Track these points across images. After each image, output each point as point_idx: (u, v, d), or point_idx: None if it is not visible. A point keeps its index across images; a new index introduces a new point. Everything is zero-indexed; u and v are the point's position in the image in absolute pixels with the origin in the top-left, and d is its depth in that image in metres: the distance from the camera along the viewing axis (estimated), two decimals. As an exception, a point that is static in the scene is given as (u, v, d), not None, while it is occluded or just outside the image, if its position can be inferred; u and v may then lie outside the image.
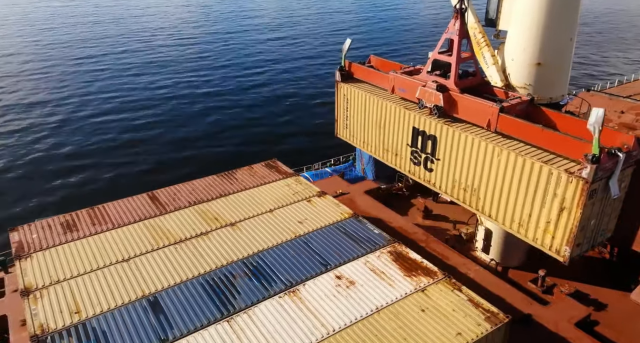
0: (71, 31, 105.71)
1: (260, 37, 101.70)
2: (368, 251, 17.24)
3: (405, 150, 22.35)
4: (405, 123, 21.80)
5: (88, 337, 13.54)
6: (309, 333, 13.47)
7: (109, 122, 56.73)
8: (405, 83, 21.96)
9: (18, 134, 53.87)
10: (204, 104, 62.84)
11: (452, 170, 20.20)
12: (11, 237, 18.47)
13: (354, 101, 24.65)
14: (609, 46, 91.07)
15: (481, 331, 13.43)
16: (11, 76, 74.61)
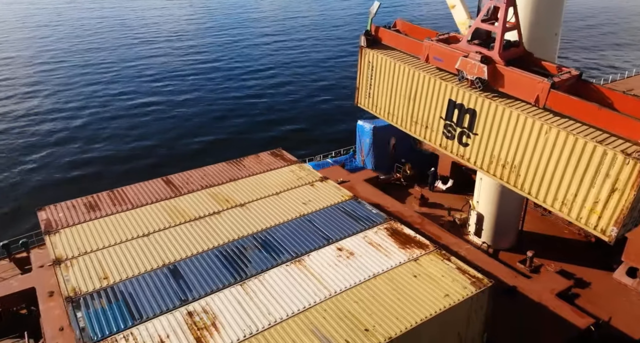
0: (93, 21, 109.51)
1: (264, 31, 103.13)
2: (366, 227, 19.04)
3: (438, 124, 21.18)
4: (441, 95, 20.60)
5: (116, 298, 15.34)
6: (313, 294, 15.27)
7: (123, 116, 59.25)
8: (443, 52, 20.40)
9: (35, 123, 56.61)
10: (210, 100, 65.15)
11: (490, 145, 19.31)
12: (39, 216, 20.30)
13: (380, 69, 23.16)
14: (604, 44, 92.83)
15: (467, 293, 15.22)
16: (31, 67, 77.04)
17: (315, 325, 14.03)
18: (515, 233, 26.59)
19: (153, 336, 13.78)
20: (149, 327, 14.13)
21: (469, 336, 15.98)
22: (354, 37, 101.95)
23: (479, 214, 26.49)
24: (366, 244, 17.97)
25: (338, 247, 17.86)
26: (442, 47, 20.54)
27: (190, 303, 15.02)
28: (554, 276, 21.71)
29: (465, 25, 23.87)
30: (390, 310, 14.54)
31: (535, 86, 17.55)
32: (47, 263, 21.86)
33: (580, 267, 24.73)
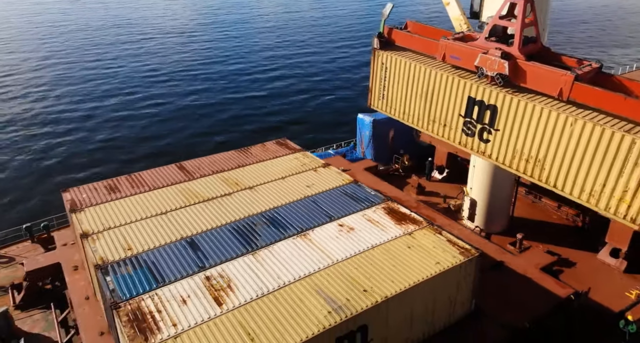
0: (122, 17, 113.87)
1: (267, 32, 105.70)
2: (365, 207, 20.87)
3: (457, 121, 21.45)
4: (460, 92, 20.89)
5: (140, 265, 17.17)
6: (317, 262, 17.11)
7: (141, 115, 61.99)
8: (461, 50, 20.75)
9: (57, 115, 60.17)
10: (220, 95, 68.02)
11: (513, 141, 19.61)
12: (64, 196, 22.15)
13: (394, 70, 23.49)
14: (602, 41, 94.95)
15: (456, 261, 17.05)
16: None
17: (319, 286, 15.86)
18: (507, 217, 28.42)
19: (175, 296, 15.60)
20: (171, 288, 15.97)
21: (458, 301, 17.83)
22: (356, 36, 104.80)
23: (472, 200, 28.31)
24: (365, 221, 19.80)
25: (339, 223, 19.69)
26: (459, 45, 20.89)
27: (207, 270, 16.86)
28: (539, 252, 23.56)
29: (459, 20, 25.68)
30: (386, 275, 16.38)
31: (558, 79, 17.84)
32: (69, 242, 23.90)
33: (566, 249, 26.55)
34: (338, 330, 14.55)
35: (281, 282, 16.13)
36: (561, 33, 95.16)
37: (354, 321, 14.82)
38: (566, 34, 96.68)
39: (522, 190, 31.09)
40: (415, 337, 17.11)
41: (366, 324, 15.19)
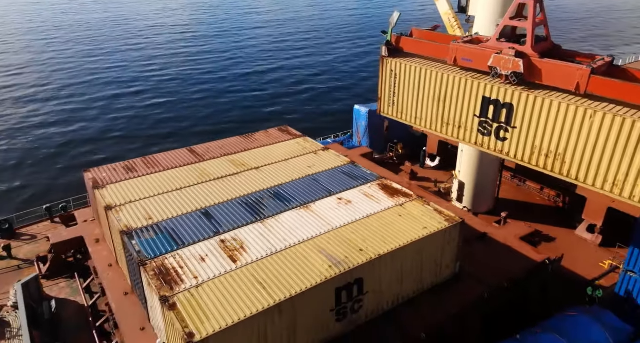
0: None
1: (268, 32, 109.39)
2: (362, 184, 23.25)
3: (472, 122, 21.91)
4: (474, 93, 21.39)
5: (161, 231, 19.47)
6: (319, 228, 19.47)
7: (160, 104, 66.92)
8: (473, 52, 21.34)
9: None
10: (224, 89, 72.50)
11: (531, 137, 20.01)
12: (85, 176, 24.42)
13: (404, 76, 23.99)
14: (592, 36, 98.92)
15: (441, 226, 19.46)
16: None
17: (321, 247, 18.22)
18: (492, 198, 30.89)
19: (195, 255, 17.93)
20: (190, 249, 18.28)
21: (444, 263, 20.25)
22: (352, 31, 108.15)
23: (460, 182, 30.76)
24: (361, 195, 22.19)
25: (338, 197, 22.06)
26: (471, 47, 21.54)
27: (221, 234, 19.18)
28: (519, 224, 26.01)
29: (448, 15, 28.13)
30: (379, 238, 18.76)
31: (574, 74, 18.40)
32: (89, 218, 26.17)
33: (547, 226, 29.05)
34: (337, 281, 16.92)
35: (287, 243, 18.49)
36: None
37: (351, 274, 17.19)
38: (557, 31, 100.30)
39: (508, 175, 33.57)
40: (405, 293, 19.51)
41: (362, 278, 17.57)
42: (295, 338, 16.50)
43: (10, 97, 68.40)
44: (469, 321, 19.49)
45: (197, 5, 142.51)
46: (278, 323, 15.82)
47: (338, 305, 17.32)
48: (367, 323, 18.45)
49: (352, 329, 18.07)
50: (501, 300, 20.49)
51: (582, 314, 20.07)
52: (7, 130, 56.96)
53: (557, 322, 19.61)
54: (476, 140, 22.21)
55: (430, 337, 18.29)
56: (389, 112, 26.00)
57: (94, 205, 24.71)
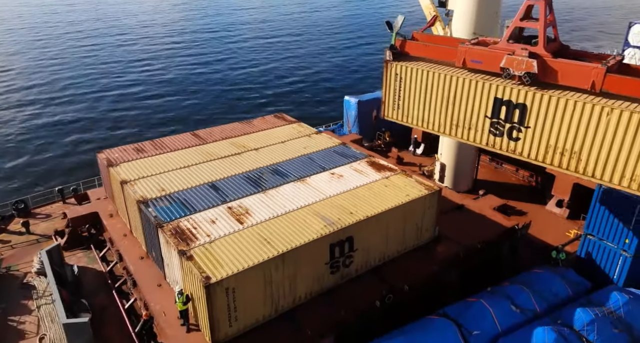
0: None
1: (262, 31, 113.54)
2: (352, 161, 26.08)
3: (483, 123, 22.20)
4: (485, 95, 21.68)
5: (174, 201, 22.07)
6: (314, 197, 22.22)
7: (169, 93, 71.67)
8: (483, 54, 21.65)
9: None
10: (221, 84, 76.50)
11: (545, 136, 20.39)
12: (99, 157, 26.91)
13: (410, 80, 24.16)
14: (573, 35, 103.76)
15: (421, 194, 22.36)
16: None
17: (316, 211, 20.98)
18: (471, 178, 33.93)
19: (206, 219, 20.58)
20: (202, 214, 20.92)
21: (424, 227, 23.15)
22: (343, 26, 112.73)
23: (442, 164, 33.73)
24: (352, 170, 25.01)
25: (331, 172, 24.86)
26: (480, 49, 21.88)
27: (228, 203, 21.85)
28: (493, 197, 29.02)
29: (429, 8, 31.03)
30: (367, 203, 21.58)
31: (590, 73, 18.86)
32: (102, 197, 28.63)
33: (521, 202, 32.13)
34: (331, 238, 19.71)
35: (287, 209, 21.23)
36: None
37: (342, 232, 19.99)
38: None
39: (486, 158, 36.64)
40: (390, 252, 22.37)
41: (352, 236, 20.37)
42: (295, 286, 19.25)
43: (21, 87, 73.42)
44: (448, 277, 22.37)
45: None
46: (281, 272, 18.54)
47: (332, 259, 20.12)
48: (357, 277, 21.28)
49: (344, 281, 20.89)
50: (475, 260, 23.43)
51: (546, 271, 23.12)
52: (17, 121, 60.80)
53: (524, 276, 22.62)
54: (487, 141, 22.47)
55: (412, 289, 21.15)
56: (393, 115, 25.85)
57: (106, 183, 27.19)
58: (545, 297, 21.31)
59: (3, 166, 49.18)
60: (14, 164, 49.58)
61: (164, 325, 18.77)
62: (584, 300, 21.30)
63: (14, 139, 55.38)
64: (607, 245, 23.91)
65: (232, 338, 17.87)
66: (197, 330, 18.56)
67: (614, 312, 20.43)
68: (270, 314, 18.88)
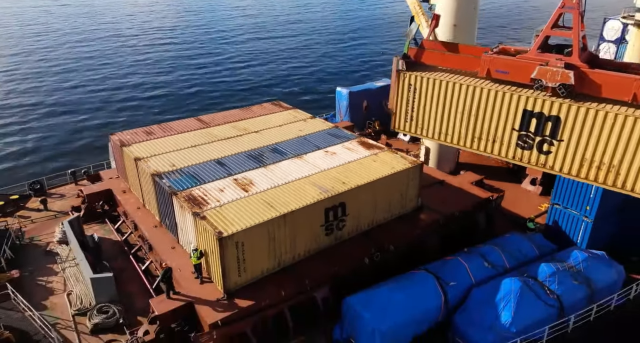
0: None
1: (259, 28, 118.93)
2: (344, 141, 29.05)
3: (510, 136, 21.62)
4: (512, 107, 21.06)
5: (185, 174, 24.86)
6: (310, 170, 25.13)
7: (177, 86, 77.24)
8: (510, 64, 20.94)
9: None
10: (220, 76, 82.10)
11: (581, 150, 20.00)
12: (112, 138, 29.64)
13: (426, 90, 23.41)
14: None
15: (405, 166, 25.37)
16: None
17: (313, 181, 23.88)
18: (454, 161, 37.05)
19: (214, 188, 23.39)
20: (211, 185, 23.72)
21: (408, 197, 26.17)
22: (336, 23, 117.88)
23: (426, 148, 36.80)
24: (344, 149, 27.96)
25: (325, 150, 27.79)
26: (507, 59, 21.19)
27: (233, 175, 24.67)
28: (471, 174, 32.12)
29: (414, 4, 34.06)
30: (357, 175, 24.55)
31: (631, 84, 18.52)
32: (114, 176, 31.31)
33: (499, 182, 35.25)
34: (326, 203, 22.65)
35: (287, 180, 24.12)
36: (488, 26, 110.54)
37: (335, 199, 22.92)
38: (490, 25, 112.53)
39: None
40: (378, 218, 25.37)
41: (344, 202, 23.32)
42: (295, 244, 22.16)
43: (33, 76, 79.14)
44: (429, 240, 25.39)
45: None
46: (283, 231, 21.42)
47: (327, 222, 23.05)
48: (349, 239, 24.22)
49: (337, 242, 23.81)
50: (454, 226, 26.48)
51: (517, 235, 26.24)
52: (27, 110, 65.46)
53: (496, 240, 25.70)
54: (514, 155, 21.93)
55: (397, 249, 24.13)
56: (406, 127, 25.22)
57: (119, 163, 29.88)
58: (514, 256, 24.40)
59: (16, 150, 53.57)
60: (24, 149, 54.10)
61: (179, 279, 21.55)
62: (549, 258, 24.38)
63: (26, 127, 59.84)
64: (571, 213, 27.08)
65: (240, 287, 20.73)
66: (209, 282, 21.38)
67: (574, 266, 23.55)
68: (274, 267, 21.78)
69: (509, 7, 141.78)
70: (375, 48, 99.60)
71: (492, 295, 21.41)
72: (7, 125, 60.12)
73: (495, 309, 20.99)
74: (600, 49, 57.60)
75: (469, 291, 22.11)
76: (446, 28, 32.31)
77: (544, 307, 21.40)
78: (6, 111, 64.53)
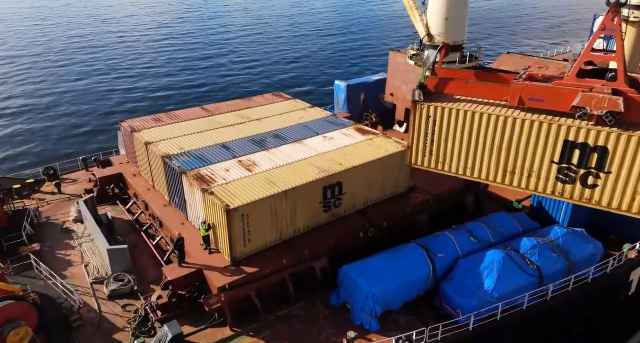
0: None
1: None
2: (341, 128, 31.09)
3: (548, 169, 20.19)
4: (552, 137, 19.60)
5: (193, 156, 26.86)
6: (310, 153, 27.16)
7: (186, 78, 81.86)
8: (546, 91, 19.55)
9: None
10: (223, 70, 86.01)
11: (632, 183, 18.91)
12: (122, 125, 31.66)
13: (448, 122, 21.70)
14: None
15: (398, 150, 27.38)
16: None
17: (312, 163, 25.89)
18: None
19: (221, 168, 25.40)
20: (217, 166, 25.75)
21: (400, 178, 28.21)
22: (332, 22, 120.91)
23: (421, 136, 38.78)
24: (341, 135, 29.99)
25: (323, 136, 29.84)
26: (544, 86, 19.73)
27: (238, 158, 26.70)
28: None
29: (409, 3, 36.02)
30: (354, 157, 26.58)
31: None
32: (124, 161, 33.30)
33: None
34: (324, 182, 24.67)
35: (288, 161, 26.15)
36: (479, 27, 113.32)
37: (333, 178, 24.95)
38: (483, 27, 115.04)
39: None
40: (372, 198, 27.40)
41: (341, 182, 25.34)
42: (295, 219, 24.17)
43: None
44: (419, 217, 27.42)
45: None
46: (284, 206, 23.44)
47: (325, 200, 25.07)
48: (345, 217, 26.22)
49: (335, 219, 25.81)
50: (443, 205, 28.49)
51: (502, 214, 28.24)
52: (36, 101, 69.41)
53: (483, 218, 27.70)
54: (554, 190, 20.46)
55: (390, 226, 26.13)
56: (425, 163, 23.44)
57: (129, 148, 31.87)
58: (499, 232, 26.40)
59: (28, 139, 57.22)
60: (35, 137, 57.47)
61: (190, 251, 23.52)
62: (531, 234, 26.40)
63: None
64: (553, 194, 29.01)
65: (246, 256, 22.74)
66: (217, 253, 23.37)
67: (554, 241, 25.56)
68: (276, 240, 23.80)
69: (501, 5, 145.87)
70: (372, 43, 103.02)
71: (476, 265, 23.40)
72: (21, 113, 64.32)
73: (479, 278, 22.99)
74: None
75: (456, 262, 24.11)
76: (438, 21, 34.22)
77: (524, 276, 23.39)
78: (17, 102, 68.17)
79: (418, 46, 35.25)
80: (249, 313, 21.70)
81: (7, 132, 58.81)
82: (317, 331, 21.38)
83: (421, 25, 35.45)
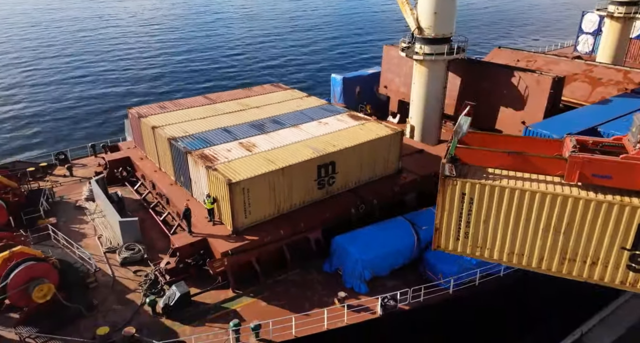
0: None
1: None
2: (336, 114, 33.48)
3: (616, 256, 17.72)
4: (623, 221, 17.03)
5: (197, 138, 29.18)
6: (305, 136, 29.53)
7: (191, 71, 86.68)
8: (615, 167, 16.89)
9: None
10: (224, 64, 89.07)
11: None
12: (130, 112, 34.03)
13: (488, 201, 18.26)
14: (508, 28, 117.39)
15: (388, 133, 29.75)
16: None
17: (307, 144, 28.23)
18: (436, 138, 41.45)
19: (223, 149, 27.75)
20: (219, 147, 28.11)
21: (390, 160, 30.59)
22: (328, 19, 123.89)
23: (411, 126, 41.19)
24: (335, 120, 32.37)
25: (319, 121, 32.22)
26: (610, 160, 17.11)
27: (239, 140, 29.04)
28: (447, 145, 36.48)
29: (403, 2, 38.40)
30: (346, 139, 28.96)
31: None
32: (131, 147, 35.65)
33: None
34: (318, 161, 27.05)
35: (285, 143, 28.51)
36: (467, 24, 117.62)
37: (326, 157, 27.34)
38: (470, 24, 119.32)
39: (450, 123, 44.16)
40: (364, 178, 29.81)
41: (334, 161, 27.72)
42: (292, 194, 26.53)
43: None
44: (407, 196, 29.78)
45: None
46: (281, 182, 25.79)
47: (319, 178, 27.44)
48: (338, 195, 28.58)
49: (328, 196, 28.16)
50: (430, 185, 30.80)
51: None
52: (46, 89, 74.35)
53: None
54: (624, 279, 18.02)
55: (380, 203, 28.49)
56: (458, 248, 19.75)
57: (136, 133, 34.21)
58: (480, 209, 28.73)
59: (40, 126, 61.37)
60: (47, 125, 61.27)
61: (195, 223, 25.85)
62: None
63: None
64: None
65: (246, 227, 25.08)
66: (220, 224, 25.71)
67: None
68: (274, 213, 26.16)
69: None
70: (368, 38, 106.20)
71: (457, 236, 25.67)
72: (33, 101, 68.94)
73: (460, 247, 25.25)
74: (579, 41, 62.17)
75: (439, 234, 26.41)
76: (427, 15, 36.61)
77: (501, 247, 25.68)
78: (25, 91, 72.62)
79: (409, 39, 37.67)
80: (250, 277, 24.06)
81: (19, 119, 63.13)
82: (311, 293, 23.73)
83: (412, 18, 37.86)
